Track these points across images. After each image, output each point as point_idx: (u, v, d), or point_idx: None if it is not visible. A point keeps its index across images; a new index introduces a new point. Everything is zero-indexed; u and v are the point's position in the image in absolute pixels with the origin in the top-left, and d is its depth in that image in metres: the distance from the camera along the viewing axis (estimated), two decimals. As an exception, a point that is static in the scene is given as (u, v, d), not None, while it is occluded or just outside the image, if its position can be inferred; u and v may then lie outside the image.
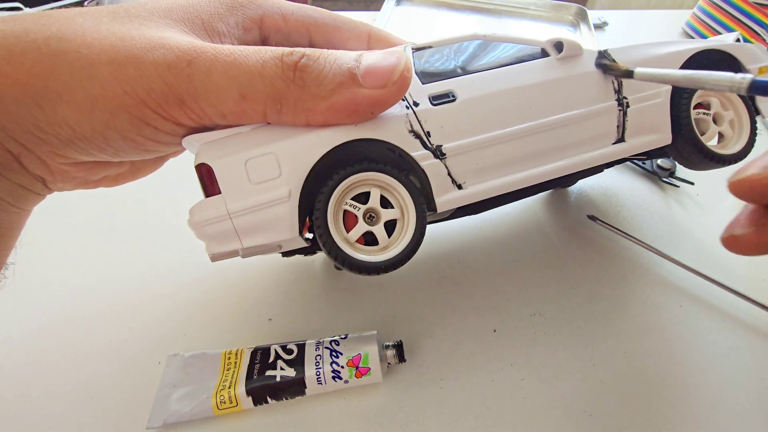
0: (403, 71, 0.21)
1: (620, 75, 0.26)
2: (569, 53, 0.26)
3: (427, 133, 0.23)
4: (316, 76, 0.20)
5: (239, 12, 0.23)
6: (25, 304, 0.33)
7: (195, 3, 0.22)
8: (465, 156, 0.24)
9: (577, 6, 0.69)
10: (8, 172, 0.21)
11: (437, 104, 0.24)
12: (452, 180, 0.24)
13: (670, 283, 0.36)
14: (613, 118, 0.27)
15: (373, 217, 0.23)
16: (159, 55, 0.18)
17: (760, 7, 0.60)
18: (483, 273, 0.36)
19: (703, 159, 0.28)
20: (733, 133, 0.29)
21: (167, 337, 0.31)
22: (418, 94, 0.24)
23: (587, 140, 0.26)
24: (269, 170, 0.21)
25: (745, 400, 0.29)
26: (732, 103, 0.29)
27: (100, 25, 0.19)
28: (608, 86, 0.27)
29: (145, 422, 0.26)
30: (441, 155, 0.24)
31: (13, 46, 0.18)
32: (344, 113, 0.21)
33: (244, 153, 0.21)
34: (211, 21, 0.22)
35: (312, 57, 0.20)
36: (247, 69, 0.19)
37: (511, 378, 0.30)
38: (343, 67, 0.20)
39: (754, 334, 0.33)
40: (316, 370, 0.27)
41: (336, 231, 0.22)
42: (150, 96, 0.19)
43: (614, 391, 0.29)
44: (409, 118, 0.23)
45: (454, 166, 0.24)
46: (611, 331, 0.32)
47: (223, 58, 0.19)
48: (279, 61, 0.19)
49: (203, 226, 0.22)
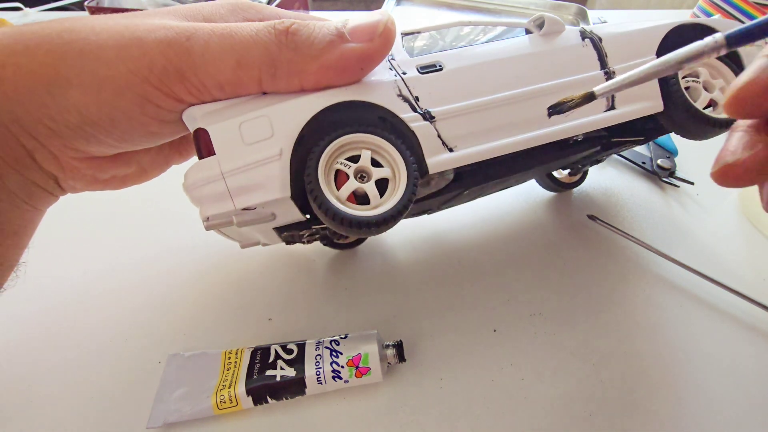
0: (387, 23, 0.22)
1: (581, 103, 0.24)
2: (551, 29, 0.27)
3: (415, 98, 0.24)
4: (307, 38, 0.21)
5: (240, 15, 0.24)
6: (25, 303, 0.33)
7: (197, 5, 0.24)
8: (455, 120, 0.25)
9: (577, 6, 0.69)
10: (21, 167, 0.22)
11: (425, 73, 0.25)
12: (443, 142, 0.24)
13: (670, 283, 0.36)
14: None
15: (364, 177, 0.23)
16: (161, 34, 0.20)
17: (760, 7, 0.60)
18: (483, 273, 0.36)
19: (699, 124, 0.28)
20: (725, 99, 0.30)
21: (167, 337, 0.31)
22: (406, 64, 0.25)
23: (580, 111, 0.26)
24: (262, 131, 0.22)
25: (745, 400, 0.29)
26: (720, 72, 0.29)
27: (108, 20, 0.21)
28: (593, 57, 0.27)
29: (145, 422, 0.26)
30: (430, 118, 0.24)
31: (29, 41, 0.20)
32: (335, 71, 0.22)
33: (239, 117, 0.22)
34: (212, 19, 0.23)
35: (302, 24, 0.21)
36: (242, 38, 0.20)
37: (511, 378, 0.30)
38: (331, 27, 0.22)
39: (754, 334, 0.33)
40: (316, 370, 0.27)
41: (327, 187, 0.22)
42: (152, 72, 0.20)
43: (614, 391, 0.29)
44: (397, 84, 0.24)
45: (444, 129, 0.24)
46: (611, 331, 0.32)
47: (219, 31, 0.21)
48: (272, 28, 0.21)
49: (197, 187, 0.22)
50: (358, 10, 0.75)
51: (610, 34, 0.28)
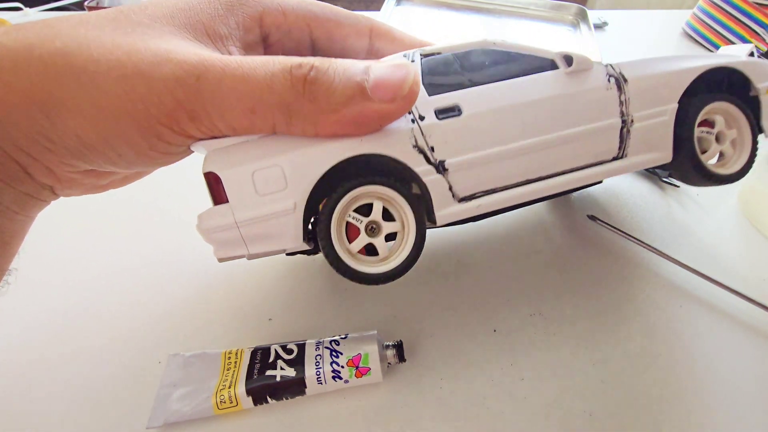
0: (411, 86, 0.21)
1: None
2: (578, 68, 0.26)
3: (431, 148, 0.23)
4: (326, 89, 0.20)
5: (239, 11, 0.23)
6: (25, 303, 0.33)
7: (195, 6, 0.22)
8: (467, 171, 0.24)
9: (577, 6, 0.69)
10: (15, 182, 0.21)
11: (443, 118, 0.24)
12: (453, 194, 0.24)
13: (670, 283, 0.36)
14: (616, 134, 0.27)
15: (374, 229, 0.24)
16: (167, 70, 0.18)
17: (760, 7, 0.60)
18: (483, 273, 0.36)
19: (701, 178, 0.29)
20: (734, 153, 0.30)
21: (167, 337, 0.31)
22: (424, 106, 0.24)
23: (588, 156, 0.26)
24: (276, 182, 0.22)
25: (745, 399, 0.29)
26: (737, 121, 0.29)
27: (103, 36, 0.19)
28: (614, 103, 0.26)
29: (145, 422, 0.26)
30: (443, 170, 0.24)
31: (19, 60, 0.18)
32: (353, 125, 0.21)
33: (251, 164, 0.22)
34: (212, 24, 0.22)
35: (321, 69, 0.20)
36: (257, 82, 0.19)
37: (511, 378, 0.30)
38: (352, 80, 0.20)
39: (754, 334, 0.33)
40: (316, 370, 0.27)
41: (339, 243, 0.23)
42: (161, 112, 0.19)
43: (614, 391, 0.29)
44: (414, 133, 0.23)
45: (456, 181, 0.24)
46: (611, 331, 0.32)
47: (231, 72, 0.19)
48: (288, 74, 0.19)
49: (211, 233, 0.23)
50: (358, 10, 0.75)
51: (636, 77, 0.27)
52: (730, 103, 0.28)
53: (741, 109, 0.29)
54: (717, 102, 0.28)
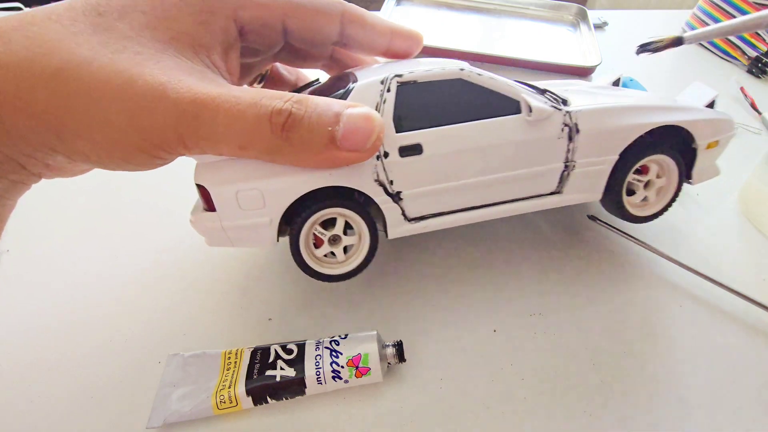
0: (375, 141, 0.24)
1: (669, 46, 0.30)
2: (537, 117, 0.28)
3: (390, 181, 0.27)
4: (301, 137, 0.23)
5: (219, 12, 0.24)
6: (25, 303, 0.33)
7: (176, 14, 0.23)
8: (420, 199, 0.28)
9: (577, 6, 0.69)
10: (10, 174, 0.22)
11: (405, 156, 0.27)
12: (404, 216, 0.29)
13: (670, 283, 0.36)
14: (557, 176, 0.30)
15: (336, 239, 0.29)
16: (168, 108, 0.20)
17: (759, 6, 0.60)
18: (483, 273, 0.36)
19: (622, 216, 0.33)
20: (656, 200, 0.34)
21: (167, 337, 0.31)
22: (390, 143, 0.27)
23: (528, 190, 0.30)
24: (255, 202, 0.26)
25: (744, 399, 0.29)
26: (669, 172, 0.33)
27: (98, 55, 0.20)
28: (562, 150, 0.29)
29: (145, 422, 0.26)
30: (399, 199, 0.28)
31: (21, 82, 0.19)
32: (326, 165, 0.25)
33: (236, 185, 0.26)
34: (196, 35, 0.23)
35: (296, 117, 0.22)
36: (245, 124, 0.22)
37: (511, 378, 0.30)
38: (324, 129, 0.23)
39: (754, 334, 0.33)
40: (316, 370, 0.27)
41: (305, 251, 0.28)
42: (163, 141, 0.21)
43: (614, 391, 0.29)
44: (377, 169, 0.27)
45: (409, 206, 0.28)
46: (611, 331, 0.32)
47: (224, 111, 0.21)
48: (268, 122, 0.22)
49: (203, 230, 0.28)
50: (358, 10, 0.75)
51: (587, 129, 0.29)
52: (667, 156, 0.31)
53: (676, 162, 0.32)
54: (656, 155, 0.31)
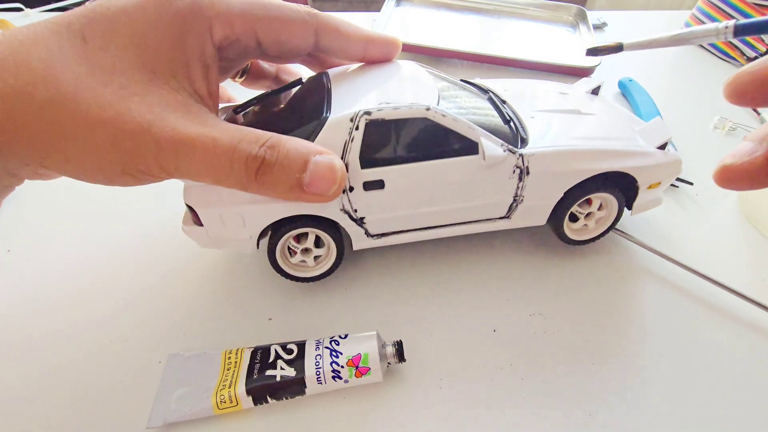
0: (336, 189, 0.26)
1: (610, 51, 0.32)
2: (490, 163, 0.30)
3: (354, 210, 0.31)
4: (272, 181, 0.25)
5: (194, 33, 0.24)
6: (25, 303, 0.33)
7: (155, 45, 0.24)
8: (381, 222, 0.32)
9: (576, 6, 0.69)
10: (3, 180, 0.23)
11: (368, 190, 0.30)
12: (367, 234, 0.33)
13: (670, 283, 0.36)
14: (507, 205, 0.33)
15: (307, 250, 0.33)
16: (149, 143, 0.22)
17: (759, 7, 0.60)
18: (483, 273, 0.36)
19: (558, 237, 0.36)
20: (594, 227, 0.36)
21: (167, 337, 0.31)
22: (356, 178, 0.29)
23: (481, 215, 0.33)
24: (236, 222, 0.30)
25: (745, 399, 0.29)
26: (609, 206, 0.35)
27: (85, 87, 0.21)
28: (512, 187, 0.32)
29: (145, 422, 0.26)
30: (362, 223, 0.32)
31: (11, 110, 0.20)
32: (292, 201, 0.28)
33: (219, 208, 0.29)
34: (175, 60, 0.24)
35: (269, 163, 0.24)
36: (220, 163, 0.24)
37: (511, 378, 0.30)
38: (293, 175, 0.25)
39: (754, 334, 0.33)
40: (316, 370, 0.27)
41: (281, 260, 0.33)
42: (146, 168, 0.23)
43: (614, 391, 0.29)
44: (342, 201, 0.30)
45: (371, 227, 0.32)
46: (611, 331, 0.32)
47: (201, 148, 0.23)
48: (243, 165, 0.24)
49: (193, 238, 0.32)
50: (358, 11, 0.75)
51: (537, 172, 0.31)
52: (609, 194, 0.34)
53: (617, 199, 0.34)
54: (599, 192, 0.33)
